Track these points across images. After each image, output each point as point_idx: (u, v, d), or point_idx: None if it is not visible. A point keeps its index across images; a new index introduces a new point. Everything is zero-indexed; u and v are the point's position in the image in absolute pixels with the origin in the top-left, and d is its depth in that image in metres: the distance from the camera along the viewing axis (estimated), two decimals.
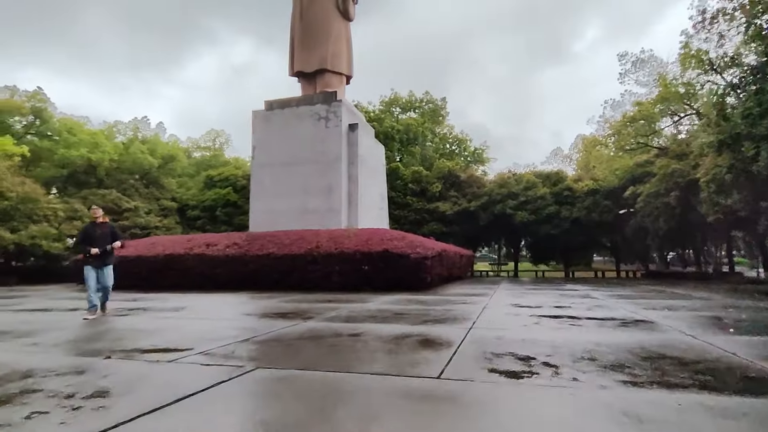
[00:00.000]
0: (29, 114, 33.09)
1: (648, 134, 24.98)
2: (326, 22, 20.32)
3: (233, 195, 32.57)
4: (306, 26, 20.46)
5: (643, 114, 23.65)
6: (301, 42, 20.52)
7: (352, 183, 18.76)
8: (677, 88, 22.22)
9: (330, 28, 20.28)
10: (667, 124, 25.74)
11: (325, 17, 20.36)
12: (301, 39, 20.59)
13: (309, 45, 20.31)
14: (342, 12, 20.64)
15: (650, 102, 23.58)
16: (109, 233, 7.29)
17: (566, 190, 27.18)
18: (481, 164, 35.28)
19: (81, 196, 28.98)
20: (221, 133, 48.76)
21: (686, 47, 19.27)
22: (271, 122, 19.49)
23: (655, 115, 23.88)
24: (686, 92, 22.22)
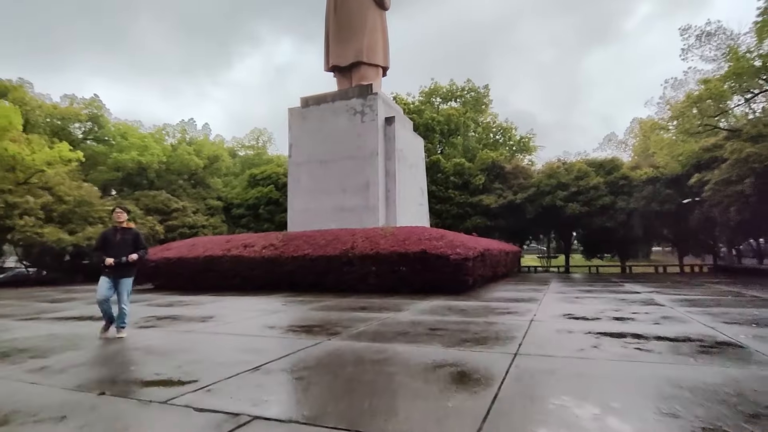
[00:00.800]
0: (87, 120, 35.00)
1: (716, 115, 22.50)
2: (361, 14, 19.71)
3: (275, 193, 32.91)
4: (340, 19, 19.95)
5: (710, 93, 21.25)
6: (336, 35, 20.05)
7: (389, 179, 18.15)
8: (752, 62, 19.75)
9: (365, 20, 19.66)
10: (738, 102, 23.12)
11: (360, 9, 19.76)
12: (336, 32, 20.12)
13: (344, 38, 19.81)
14: (377, 2, 19.95)
15: (719, 79, 21.17)
16: (132, 240, 6.22)
17: (622, 179, 25.15)
18: (528, 153, 33.52)
19: (133, 197, 30.29)
20: (264, 132, 49.65)
21: (764, 13, 16.99)
22: (306, 119, 19.21)
23: (724, 92, 21.41)
24: (763, 65, 19.72)
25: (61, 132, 32.67)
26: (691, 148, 22.30)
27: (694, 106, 21.96)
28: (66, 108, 32.45)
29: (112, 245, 6.10)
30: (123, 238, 6.18)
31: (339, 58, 19.98)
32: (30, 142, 22.99)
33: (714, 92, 20.99)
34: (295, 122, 19.49)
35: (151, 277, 15.77)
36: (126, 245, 6.16)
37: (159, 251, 15.98)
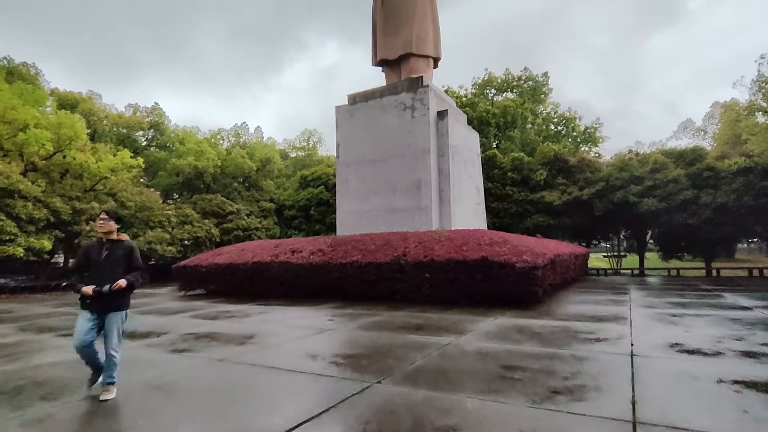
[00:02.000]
0: (149, 128, 36.60)
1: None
2: (409, 2, 18.60)
3: (325, 193, 32.62)
4: (388, 10, 18.97)
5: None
6: (384, 28, 19.10)
7: (443, 177, 16.95)
8: None
9: (414, 8, 18.54)
10: None
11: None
12: (383, 24, 19.17)
13: (392, 30, 18.81)
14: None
15: None
16: (123, 258, 4.44)
17: (707, 171, 22.20)
18: (594, 145, 30.85)
19: (191, 201, 31.15)
20: (314, 133, 49.89)
21: None
22: (354, 117, 18.43)
23: None
24: None
25: (126, 140, 34.35)
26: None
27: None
28: (130, 117, 34.02)
29: (95, 265, 4.39)
30: (111, 256, 4.43)
31: (387, 51, 19.01)
32: (96, 151, 24.04)
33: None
34: (343, 120, 18.77)
35: (203, 283, 15.68)
36: (115, 265, 4.39)
37: (210, 257, 15.85)
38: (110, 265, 4.37)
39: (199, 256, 17.07)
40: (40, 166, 20.91)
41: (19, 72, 27.01)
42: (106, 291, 4.24)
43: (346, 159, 18.49)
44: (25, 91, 20.40)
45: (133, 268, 4.50)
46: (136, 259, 4.54)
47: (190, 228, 26.72)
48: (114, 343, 4.33)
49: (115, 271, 4.37)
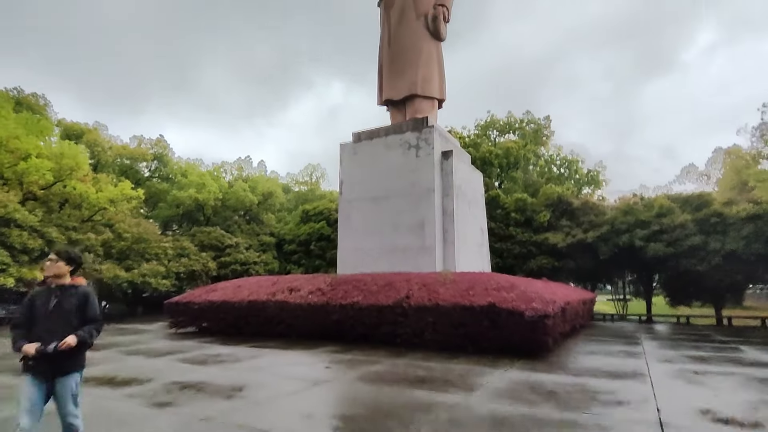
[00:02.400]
0: (153, 159, 36.80)
1: None
2: (415, 46, 18.92)
3: (327, 229, 32.28)
4: (395, 52, 19.27)
5: None
6: (390, 69, 19.34)
7: (447, 217, 16.63)
8: None
9: (420, 52, 18.83)
10: None
11: (415, 40, 19.00)
12: (389, 66, 19.43)
13: (398, 71, 19.03)
14: (432, 32, 19.12)
15: None
16: (76, 308, 3.66)
17: (714, 216, 21.91)
18: (597, 188, 30.80)
19: (190, 233, 30.80)
20: (317, 168, 50.17)
21: None
22: (358, 155, 18.34)
23: None
24: None
25: (129, 171, 34.44)
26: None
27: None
28: (134, 148, 34.27)
29: (42, 317, 3.59)
30: (61, 305, 3.62)
31: (392, 91, 19.17)
32: (98, 181, 23.94)
33: None
34: (347, 158, 18.67)
35: (195, 320, 15.06)
36: (65, 317, 3.60)
37: (204, 293, 15.30)
38: (60, 317, 3.59)
39: (193, 292, 16.52)
40: (39, 195, 20.71)
41: (28, 102, 27.35)
42: (51, 351, 3.42)
43: (349, 196, 18.25)
44: (30, 121, 20.50)
45: (88, 319, 3.69)
46: (93, 308, 3.74)
47: (186, 261, 26.22)
48: (70, 410, 3.57)
49: (66, 324, 3.58)
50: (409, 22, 19.12)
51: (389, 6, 19.67)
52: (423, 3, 19.26)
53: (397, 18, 19.39)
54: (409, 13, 19.19)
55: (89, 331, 3.67)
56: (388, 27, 19.65)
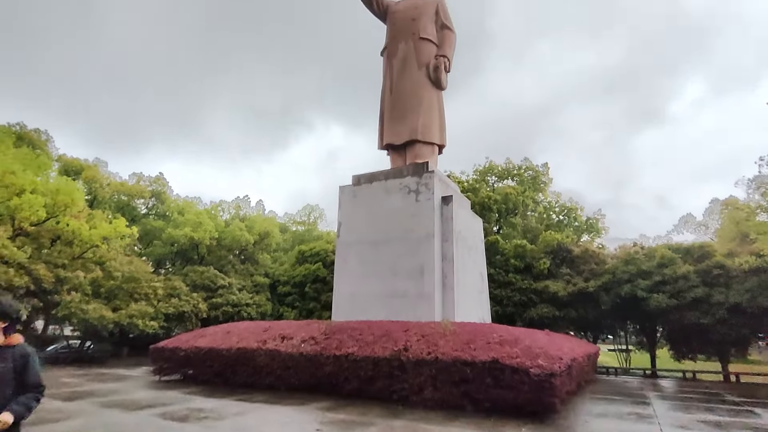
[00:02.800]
0: (150, 197, 36.68)
1: None
2: (417, 93, 19.26)
3: (323, 270, 31.69)
4: (396, 99, 19.59)
5: None
6: (391, 114, 19.58)
7: (446, 263, 16.24)
8: None
9: (421, 99, 19.14)
10: None
11: (416, 88, 19.36)
12: (391, 111, 19.69)
13: (399, 117, 19.26)
14: (433, 81, 19.51)
15: None
16: (11, 372, 3.12)
17: (716, 268, 21.61)
18: (597, 235, 30.65)
19: (183, 273, 30.15)
20: (315, 208, 50.07)
21: None
22: (358, 197, 18.19)
23: None
24: None
25: (125, 207, 34.21)
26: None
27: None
28: (132, 185, 34.18)
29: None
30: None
31: (393, 137, 19.31)
32: (92, 218, 23.57)
33: None
34: (346, 200, 18.51)
35: (181, 366, 14.29)
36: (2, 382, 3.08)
37: (191, 338, 14.60)
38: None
39: (179, 336, 15.78)
40: (30, 231, 20.28)
41: (30, 137, 27.46)
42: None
43: (347, 239, 17.93)
44: (28, 157, 20.42)
45: (28, 386, 3.13)
46: (33, 372, 3.15)
47: (176, 302, 25.44)
48: None
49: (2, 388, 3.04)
50: (411, 71, 19.56)
51: (392, 55, 20.19)
52: (424, 53, 19.79)
53: (400, 67, 19.85)
54: (411, 63, 19.67)
55: (27, 404, 3.09)
56: (390, 75, 20.08)
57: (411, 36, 20.31)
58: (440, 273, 16.05)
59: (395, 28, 20.98)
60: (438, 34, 20.71)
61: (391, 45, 20.46)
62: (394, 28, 20.97)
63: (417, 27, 20.59)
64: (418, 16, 20.86)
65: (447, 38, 20.67)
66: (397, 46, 20.23)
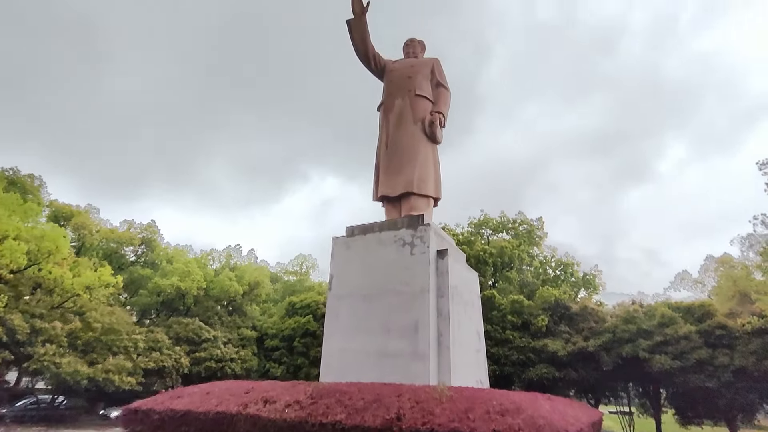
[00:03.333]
0: (140, 244, 36.04)
1: None
2: (413, 147, 19.38)
3: (313, 324, 30.61)
4: (392, 152, 19.67)
5: None
6: (387, 167, 19.58)
7: (442, 320, 15.51)
8: None
9: (417, 152, 19.21)
10: None
11: (412, 142, 19.51)
12: (386, 164, 19.70)
13: (394, 169, 19.23)
14: (429, 136, 19.70)
15: None
16: None
17: (719, 329, 21.04)
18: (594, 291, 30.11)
19: (167, 324, 28.97)
20: (308, 258, 49.34)
21: None
22: (351, 249, 17.71)
23: None
24: None
25: (113, 255, 33.46)
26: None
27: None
28: (122, 233, 33.65)
29: None
30: None
31: (388, 189, 19.17)
32: (77, 265, 22.89)
33: None
34: (339, 252, 18.01)
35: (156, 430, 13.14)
36: None
37: (167, 399, 13.50)
38: None
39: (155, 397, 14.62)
40: (8, 279, 19.52)
41: (22, 183, 27.25)
42: None
43: (338, 291, 17.24)
44: (15, 202, 20.06)
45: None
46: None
47: (157, 356, 24.20)
48: None
49: None
50: (406, 125, 19.81)
51: (388, 111, 20.53)
52: (420, 109, 20.14)
53: (396, 121, 20.12)
54: (408, 118, 19.97)
55: None
56: (386, 129, 20.32)
57: (407, 92, 20.75)
58: (435, 331, 15.29)
59: (392, 85, 21.47)
60: (433, 91, 21.19)
61: (388, 101, 20.84)
62: (390, 85, 21.47)
63: (413, 84, 21.09)
64: (414, 74, 21.43)
65: (442, 95, 21.14)
66: (394, 101, 20.62)
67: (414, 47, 22.98)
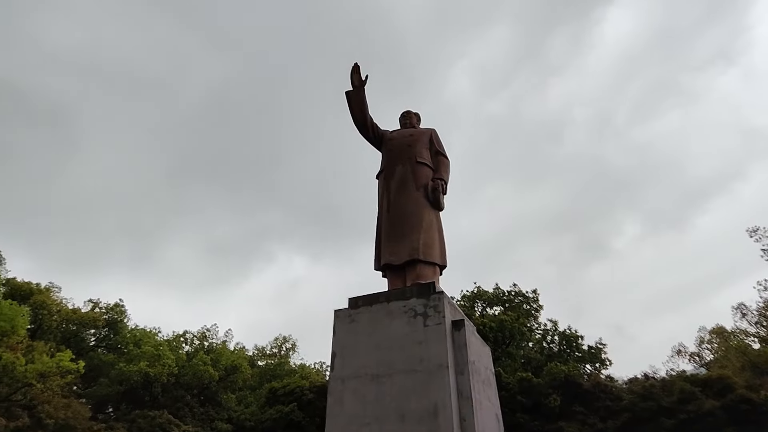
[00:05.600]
0: (104, 326, 32.72)
1: None
2: (416, 213, 18.73)
3: (297, 413, 27.35)
4: (394, 218, 18.94)
5: None
6: (389, 234, 18.68)
7: (463, 401, 13.67)
8: None
9: (421, 219, 18.53)
10: None
11: (415, 208, 18.92)
12: (388, 231, 18.83)
13: (398, 236, 18.31)
14: (432, 202, 19.27)
15: None
16: None
17: (743, 403, 19.76)
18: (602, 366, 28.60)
19: (129, 419, 25.24)
20: (288, 339, 46.02)
21: None
22: (356, 323, 16.03)
23: None
24: None
25: (73, 338, 30.11)
26: None
27: None
28: (85, 313, 30.61)
29: None
30: None
31: (392, 257, 18.09)
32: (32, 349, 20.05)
33: None
34: (342, 326, 16.24)
35: None
36: None
37: None
38: None
39: None
40: None
41: None
42: None
43: (342, 372, 15.24)
44: None
45: None
46: None
47: None
48: None
49: None
50: (409, 191, 19.35)
51: (389, 177, 20.13)
52: (422, 176, 19.85)
53: (397, 187, 19.67)
54: (410, 184, 19.57)
55: None
56: (387, 196, 19.76)
57: (408, 160, 20.63)
58: (458, 415, 13.46)
59: (392, 153, 21.39)
60: (433, 159, 21.23)
61: (388, 168, 20.58)
62: (390, 153, 21.39)
63: (413, 152, 21.08)
64: (413, 143, 21.54)
65: (442, 163, 21.13)
66: (395, 168, 20.36)
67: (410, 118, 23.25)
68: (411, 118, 21.43)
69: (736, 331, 31.56)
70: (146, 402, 28.60)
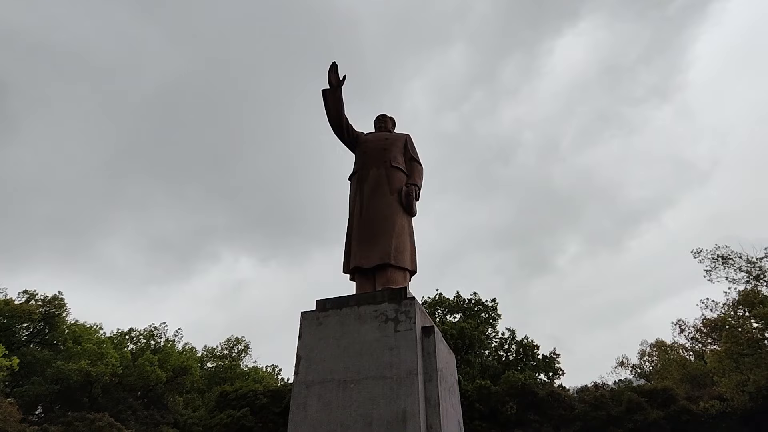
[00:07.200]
0: (39, 320, 30.22)
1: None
2: (389, 217, 18.57)
3: (250, 418, 26.38)
4: (366, 221, 18.67)
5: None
6: (360, 237, 18.39)
7: (431, 408, 13.58)
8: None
9: (393, 223, 18.38)
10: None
11: (388, 212, 18.75)
12: (359, 235, 18.54)
13: (369, 239, 18.07)
14: (405, 207, 19.20)
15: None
16: None
17: (684, 414, 21.01)
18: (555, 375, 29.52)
19: (65, 421, 23.30)
20: (241, 340, 44.41)
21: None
22: (323, 326, 15.59)
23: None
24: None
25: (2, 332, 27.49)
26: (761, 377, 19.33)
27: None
28: (19, 305, 28.10)
29: None
30: None
31: (362, 260, 17.81)
32: None
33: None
34: (308, 329, 15.74)
35: None
36: None
37: None
38: None
39: None
40: None
41: None
42: None
43: (307, 377, 14.75)
44: None
45: None
46: None
47: None
48: None
49: None
50: (383, 195, 19.16)
51: (363, 180, 19.85)
52: (396, 180, 19.75)
53: (370, 191, 19.43)
54: (384, 188, 19.39)
55: None
56: (360, 199, 19.46)
57: (383, 163, 20.46)
58: (425, 423, 13.38)
59: (366, 156, 21.13)
60: (407, 165, 21.24)
61: (362, 171, 20.30)
62: (365, 155, 21.13)
63: (388, 156, 20.95)
64: (388, 147, 21.42)
65: (416, 169, 21.13)
66: (369, 171, 20.09)
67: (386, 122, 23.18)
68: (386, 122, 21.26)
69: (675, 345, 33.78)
70: (84, 403, 26.55)
